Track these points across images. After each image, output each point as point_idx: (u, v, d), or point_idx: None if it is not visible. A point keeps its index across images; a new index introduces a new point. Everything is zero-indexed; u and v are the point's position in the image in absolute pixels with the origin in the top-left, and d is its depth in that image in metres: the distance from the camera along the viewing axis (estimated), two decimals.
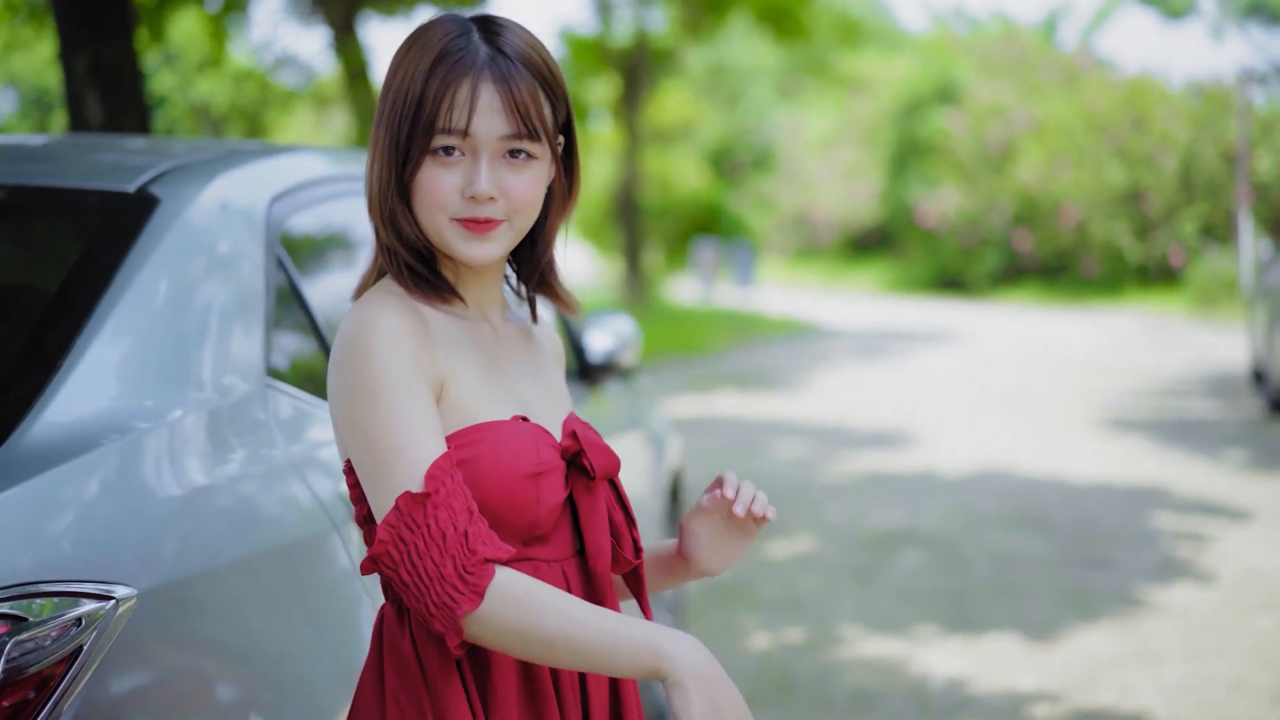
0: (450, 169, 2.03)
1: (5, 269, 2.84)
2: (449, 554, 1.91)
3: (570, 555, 2.12)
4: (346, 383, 1.99)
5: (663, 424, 5.62)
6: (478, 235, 2.05)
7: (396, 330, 1.99)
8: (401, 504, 1.92)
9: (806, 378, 17.79)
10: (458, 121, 2.01)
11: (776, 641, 6.60)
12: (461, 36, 2.04)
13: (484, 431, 2.03)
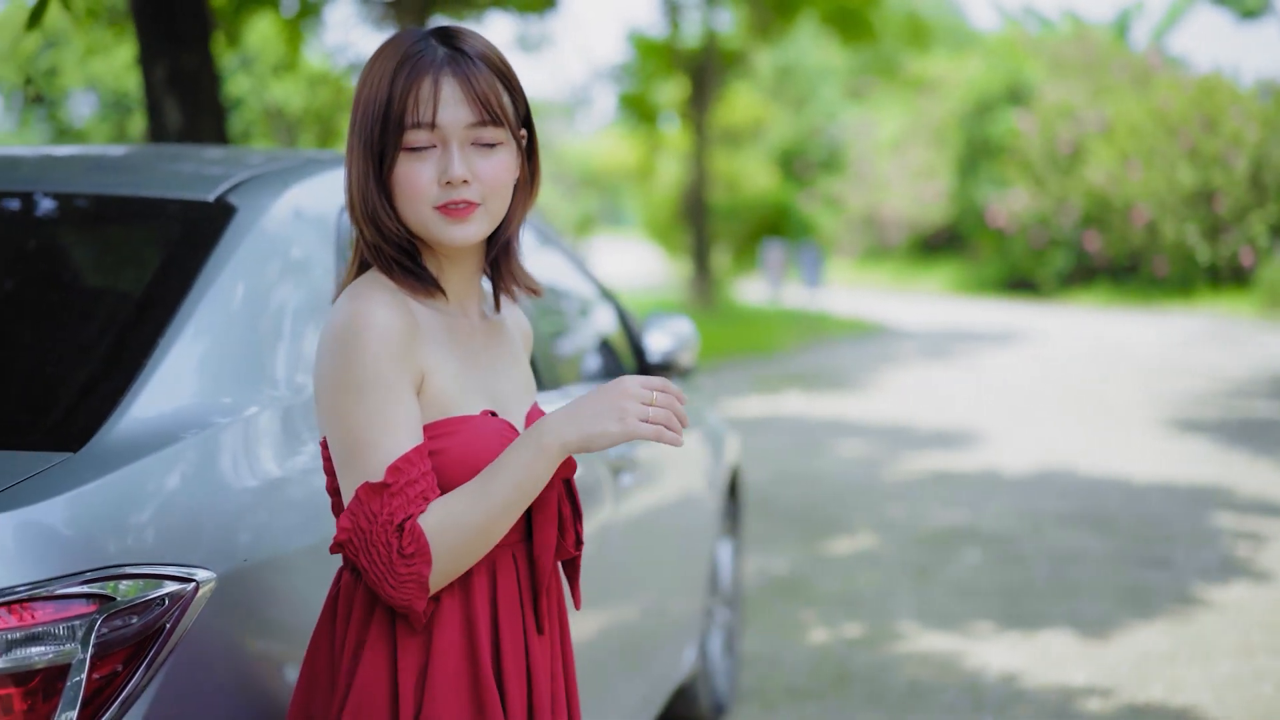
0: (424, 161, 2.22)
1: (94, 274, 3.02)
2: (393, 540, 2.10)
3: (519, 540, 2.31)
4: (333, 372, 2.16)
5: (720, 423, 5.76)
6: (458, 219, 2.22)
7: (387, 326, 2.16)
8: (361, 493, 2.11)
9: (873, 378, 17.86)
10: (424, 115, 2.20)
11: (835, 636, 6.73)
12: (420, 42, 2.23)
13: (454, 426, 2.21)
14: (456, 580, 2.23)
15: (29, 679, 2.08)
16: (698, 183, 28.50)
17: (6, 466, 2.28)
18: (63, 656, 2.10)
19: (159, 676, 2.21)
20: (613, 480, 4.14)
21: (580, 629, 3.95)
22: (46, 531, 2.16)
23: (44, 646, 2.09)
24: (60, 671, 2.10)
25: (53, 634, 2.10)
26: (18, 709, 2.07)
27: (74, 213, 3.12)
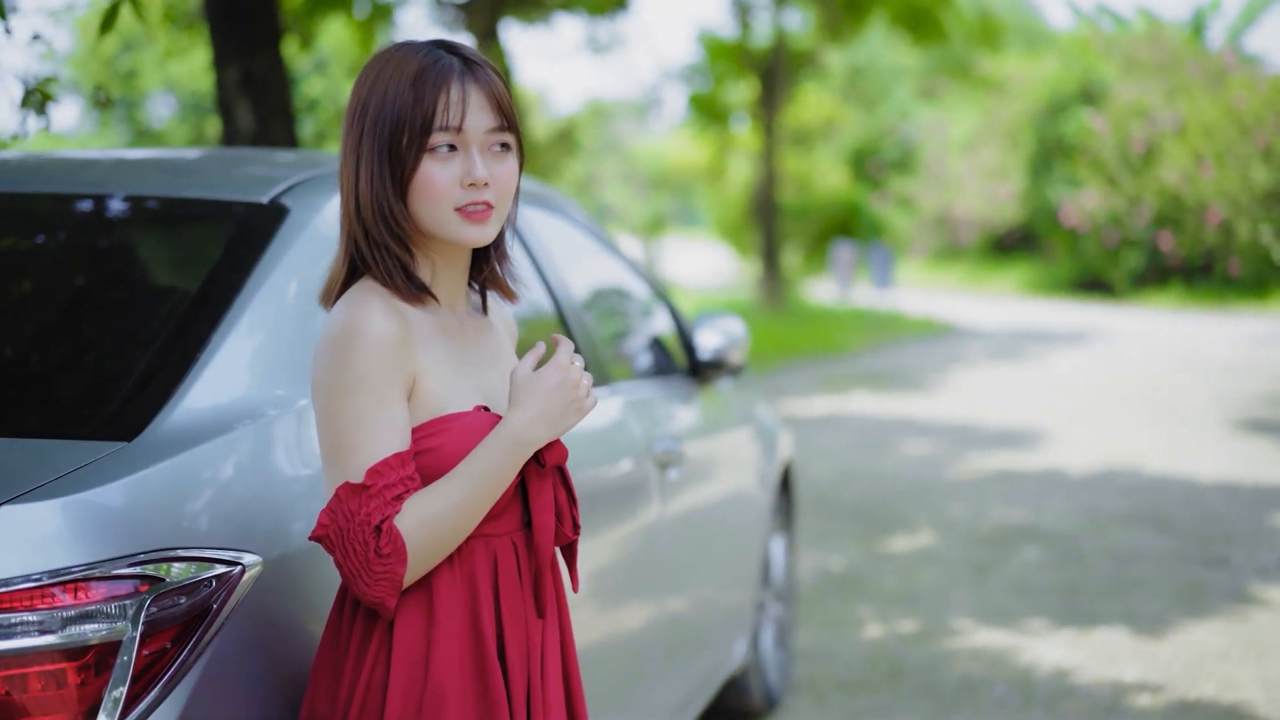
0: (447, 164, 2.32)
1: (153, 273, 3.14)
2: (371, 540, 2.22)
3: (518, 528, 2.42)
4: (328, 374, 2.27)
5: (772, 419, 5.84)
6: (477, 221, 2.34)
7: (381, 334, 2.27)
8: (341, 492, 2.23)
9: (940, 377, 17.87)
10: (453, 119, 2.31)
11: (890, 631, 6.79)
12: (432, 52, 2.34)
13: (449, 422, 2.33)
14: (460, 569, 2.34)
15: (82, 654, 2.20)
16: (767, 183, 28.53)
17: (64, 455, 2.40)
18: (114, 634, 2.22)
19: (205, 655, 2.33)
20: (660, 476, 4.23)
21: (629, 620, 4.06)
22: (99, 516, 2.27)
23: (96, 624, 2.21)
24: (111, 648, 2.22)
25: (105, 612, 2.22)
26: (71, 683, 2.19)
27: (135, 213, 3.25)
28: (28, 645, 2.17)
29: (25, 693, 2.17)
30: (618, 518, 3.95)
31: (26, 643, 2.17)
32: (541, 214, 4.35)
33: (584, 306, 4.31)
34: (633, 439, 4.14)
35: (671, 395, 4.74)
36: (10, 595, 2.17)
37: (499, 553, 2.39)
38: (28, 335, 2.93)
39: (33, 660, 2.18)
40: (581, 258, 4.63)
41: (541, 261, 4.11)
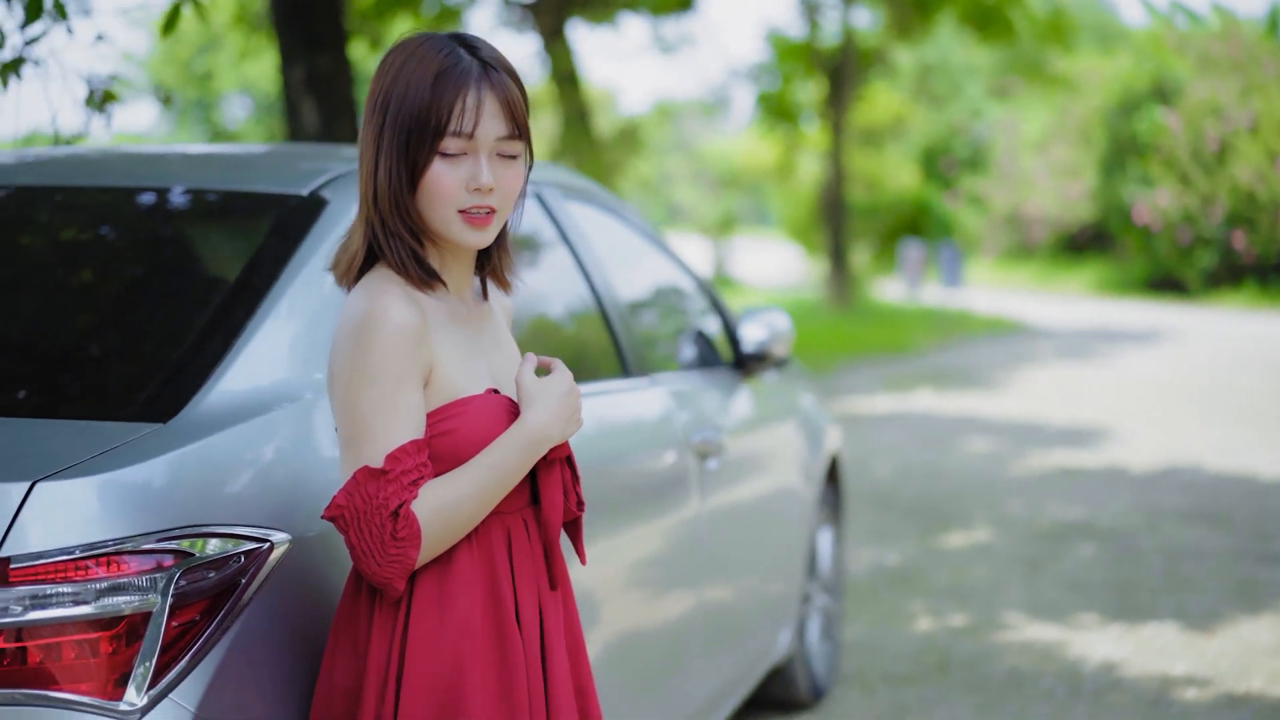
0: (456, 166, 2.39)
1: (197, 261, 3.24)
2: (387, 524, 2.30)
3: (526, 505, 2.51)
4: (349, 361, 2.35)
5: (819, 413, 5.89)
6: (478, 226, 2.42)
7: (401, 323, 2.35)
8: (360, 475, 2.30)
9: (1006, 376, 17.83)
10: (466, 125, 2.37)
11: (940, 625, 6.83)
12: (452, 52, 2.39)
13: (463, 406, 2.41)
14: (478, 544, 2.43)
15: (114, 624, 2.29)
16: (835, 182, 28.53)
17: (102, 435, 2.50)
18: (144, 605, 2.31)
19: (234, 628, 2.42)
20: (699, 465, 4.30)
21: (666, 606, 4.14)
22: (132, 493, 2.37)
23: (127, 596, 2.30)
24: (142, 619, 2.31)
25: (135, 585, 2.31)
26: (104, 651, 2.29)
27: (180, 206, 3.35)
28: (62, 615, 2.27)
29: (59, 661, 2.27)
30: (655, 506, 4.03)
31: (61, 613, 2.27)
32: (584, 208, 4.43)
33: (625, 299, 4.38)
34: (672, 429, 4.21)
35: (713, 387, 4.81)
36: (46, 567, 2.27)
37: (512, 529, 2.48)
38: (73, 322, 3.03)
39: (66, 630, 2.27)
40: (624, 251, 4.71)
41: (581, 254, 4.19)
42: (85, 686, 2.28)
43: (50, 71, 5.95)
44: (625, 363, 4.20)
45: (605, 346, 4.18)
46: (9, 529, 2.27)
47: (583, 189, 4.56)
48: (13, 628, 2.25)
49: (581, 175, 4.91)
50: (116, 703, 2.28)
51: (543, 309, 4.18)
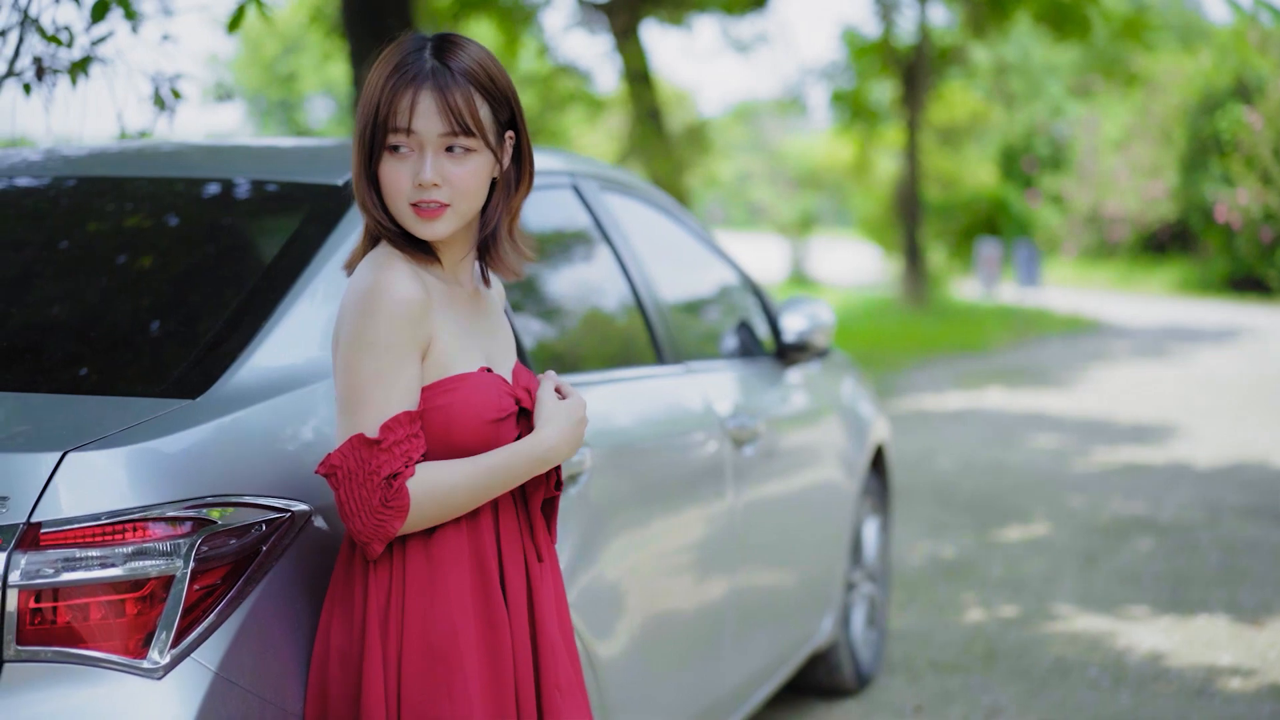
0: (403, 162, 2.52)
1: (235, 248, 3.36)
2: (378, 490, 2.42)
3: None
4: (352, 331, 2.48)
5: (864, 403, 5.95)
6: (428, 218, 2.53)
7: (405, 297, 2.47)
8: (355, 441, 2.43)
9: (1079, 374, 17.78)
10: (402, 122, 2.50)
11: (990, 615, 6.89)
12: (415, 53, 2.52)
13: (457, 382, 2.53)
14: (465, 517, 2.57)
15: (139, 587, 2.42)
16: (911, 180, 28.49)
17: (132, 410, 2.63)
18: (168, 569, 2.44)
19: (254, 593, 2.54)
20: (735, 451, 4.39)
21: (701, 589, 4.24)
22: (157, 463, 2.49)
23: (152, 560, 2.43)
24: (166, 582, 2.44)
25: (160, 550, 2.44)
26: (129, 612, 2.41)
27: (222, 195, 3.48)
28: (90, 577, 2.40)
29: (87, 620, 2.40)
30: (689, 490, 4.13)
31: (89, 575, 2.40)
32: (622, 199, 4.53)
33: (662, 288, 4.48)
34: (706, 414, 4.31)
35: (753, 375, 4.91)
36: (75, 532, 2.40)
37: (500, 504, 2.61)
38: (112, 304, 3.17)
39: (94, 591, 2.40)
40: (663, 242, 4.81)
41: (617, 244, 4.30)
42: (111, 645, 2.40)
43: (117, 70, 6.14)
44: (660, 350, 4.30)
45: (639, 334, 4.29)
46: (41, 495, 2.40)
47: (621, 181, 4.66)
48: (43, 589, 2.38)
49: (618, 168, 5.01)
50: (140, 661, 2.41)
51: (578, 297, 4.29)
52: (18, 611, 2.37)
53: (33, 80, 5.98)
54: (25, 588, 2.37)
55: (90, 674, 2.39)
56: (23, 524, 2.38)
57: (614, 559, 3.64)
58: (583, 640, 3.39)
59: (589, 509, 3.50)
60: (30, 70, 5.92)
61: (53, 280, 3.30)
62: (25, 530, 2.38)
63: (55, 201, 3.58)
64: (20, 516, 2.39)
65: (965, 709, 5.62)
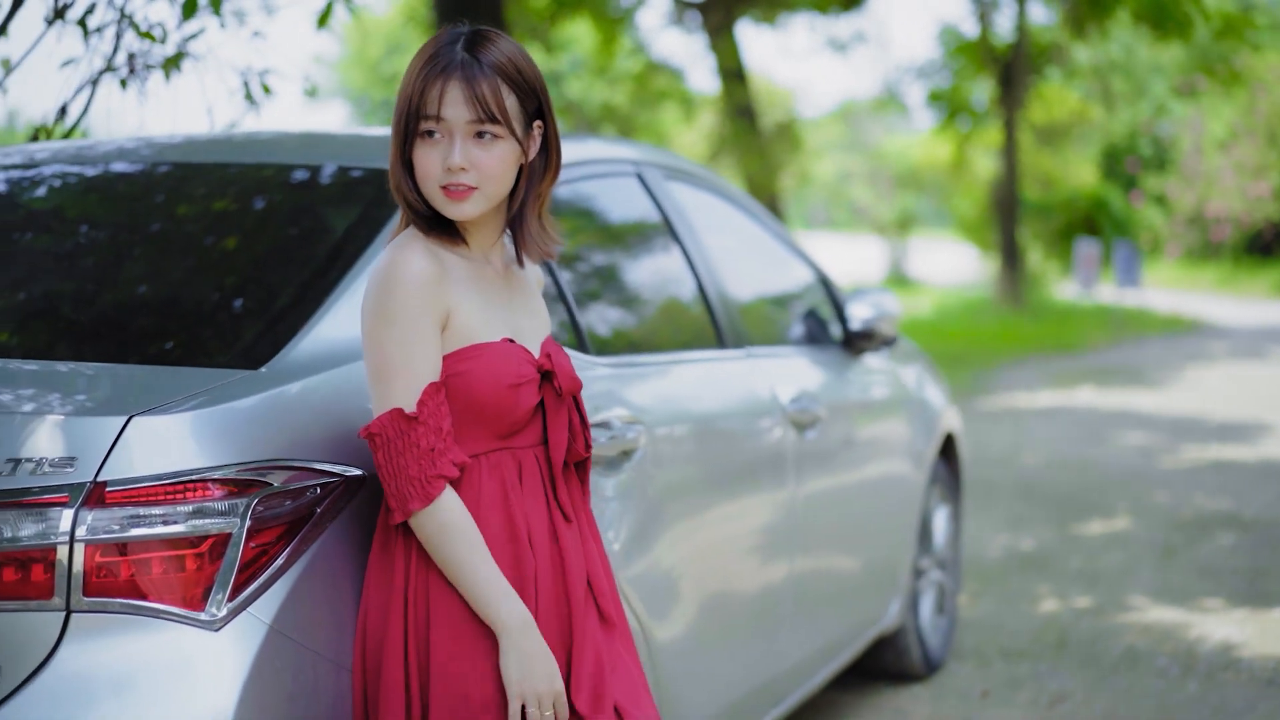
0: (433, 147, 2.68)
1: (302, 229, 3.51)
2: (419, 461, 2.57)
3: (537, 444, 2.78)
4: (374, 306, 2.64)
5: (932, 392, 6.01)
6: (456, 199, 2.69)
7: (419, 272, 2.63)
8: (395, 414, 2.59)
9: (1173, 374, 17.68)
10: (433, 109, 2.66)
11: (1064, 606, 6.94)
12: (449, 46, 2.69)
13: (479, 350, 2.68)
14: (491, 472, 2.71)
15: (198, 544, 2.56)
16: (1008, 179, 28.36)
17: (198, 379, 2.78)
18: (226, 527, 2.58)
19: (308, 552, 2.67)
20: (796, 435, 4.49)
21: (759, 570, 4.34)
22: (219, 428, 2.63)
23: (210, 519, 2.57)
24: (223, 540, 2.58)
25: (217, 509, 2.58)
26: (189, 568, 2.56)
27: (292, 179, 3.63)
28: (152, 534, 2.54)
29: (149, 575, 2.54)
30: (747, 472, 4.23)
31: (151, 531, 2.54)
32: (686, 189, 4.65)
33: (724, 275, 4.58)
34: (766, 398, 4.41)
35: (817, 362, 5.00)
36: (139, 491, 2.54)
37: (523, 462, 2.75)
38: (189, 281, 3.33)
39: (156, 547, 2.55)
40: (728, 231, 4.92)
41: (680, 231, 4.41)
42: (171, 598, 2.55)
43: (208, 66, 6.33)
44: (721, 335, 4.41)
45: (700, 319, 4.40)
46: (107, 457, 2.55)
47: (686, 170, 4.78)
48: (108, 544, 2.53)
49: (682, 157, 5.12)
50: (199, 613, 2.55)
51: (639, 281, 4.41)
52: (84, 565, 2.52)
53: (128, 75, 6.19)
54: (91, 542, 2.52)
55: (152, 625, 2.53)
56: (90, 483, 2.53)
57: (670, 536, 3.74)
58: (637, 616, 3.50)
59: (645, 486, 3.62)
60: (125, 66, 6.13)
61: (138, 260, 3.46)
62: (92, 489, 2.53)
63: (145, 186, 3.75)
64: (87, 476, 2.53)
65: (1032, 694, 5.68)
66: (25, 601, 2.52)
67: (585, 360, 3.62)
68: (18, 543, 2.52)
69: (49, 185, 3.88)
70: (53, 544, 2.52)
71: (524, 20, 18.79)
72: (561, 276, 3.74)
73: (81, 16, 5.93)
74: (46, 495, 2.52)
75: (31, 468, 2.54)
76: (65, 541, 2.52)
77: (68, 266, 3.49)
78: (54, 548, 2.52)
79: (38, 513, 2.52)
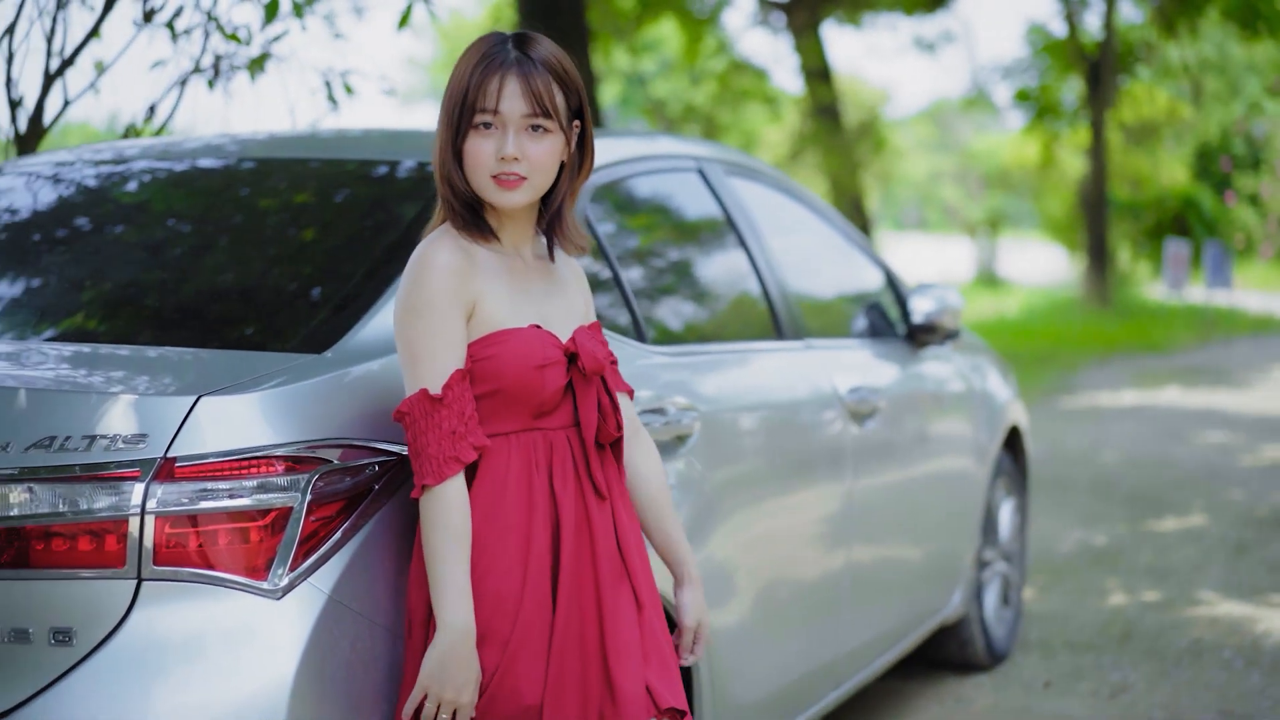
0: (487, 138, 2.83)
1: (366, 221, 3.65)
2: (439, 441, 2.72)
3: (569, 425, 2.91)
4: (404, 297, 2.80)
5: (997, 386, 6.08)
6: (507, 188, 2.83)
7: (445, 264, 2.78)
8: (422, 395, 2.73)
9: (1260, 374, 17.58)
10: (490, 103, 2.82)
11: (1132, 600, 6.99)
12: (499, 45, 2.84)
13: (506, 335, 2.82)
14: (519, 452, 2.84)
15: (262, 517, 2.71)
16: (1096, 179, 28.21)
17: (265, 362, 2.93)
18: (287, 502, 2.72)
19: (366, 527, 2.81)
20: (854, 425, 4.60)
21: (820, 557, 4.45)
22: (282, 408, 2.78)
23: (273, 494, 2.71)
24: (285, 514, 2.72)
25: (280, 484, 2.72)
26: (252, 539, 2.70)
27: (357, 174, 3.79)
28: (218, 507, 2.69)
29: (215, 545, 2.69)
30: (803, 460, 4.34)
31: (217, 505, 2.69)
32: (748, 184, 4.77)
33: (784, 269, 4.69)
34: (825, 389, 4.52)
35: (877, 354, 5.10)
36: (206, 466, 2.69)
37: (554, 443, 2.88)
38: (261, 271, 3.49)
39: (222, 520, 2.70)
40: (790, 226, 5.04)
41: (739, 225, 4.53)
42: (236, 568, 2.69)
43: (290, 67, 6.51)
44: (779, 326, 4.52)
45: (759, 311, 4.51)
46: (176, 434, 2.70)
47: (749, 167, 4.89)
48: (177, 516, 2.68)
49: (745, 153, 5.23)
50: (262, 582, 2.70)
51: (699, 274, 4.53)
52: (154, 536, 2.67)
53: (214, 76, 6.39)
54: (161, 515, 2.67)
55: (217, 593, 2.68)
56: (160, 458, 2.68)
57: (725, 519, 3.86)
58: None
59: (700, 471, 3.74)
60: (211, 67, 6.33)
61: (218, 251, 3.63)
62: (162, 464, 2.68)
63: (227, 181, 3.93)
64: (158, 452, 2.69)
65: (1094, 685, 5.75)
66: (100, 569, 2.68)
67: (641, 349, 3.75)
68: (93, 514, 2.68)
69: (139, 180, 4.06)
70: (125, 516, 2.67)
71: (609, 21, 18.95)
72: (620, 268, 3.87)
73: (170, 19, 6.14)
74: (119, 470, 2.68)
75: (106, 444, 2.69)
76: (137, 514, 2.67)
77: (153, 257, 3.66)
78: (126, 519, 2.67)
79: (111, 486, 2.68)
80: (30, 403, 2.78)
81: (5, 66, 5.93)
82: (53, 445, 2.70)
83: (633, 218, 4.22)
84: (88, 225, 3.87)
